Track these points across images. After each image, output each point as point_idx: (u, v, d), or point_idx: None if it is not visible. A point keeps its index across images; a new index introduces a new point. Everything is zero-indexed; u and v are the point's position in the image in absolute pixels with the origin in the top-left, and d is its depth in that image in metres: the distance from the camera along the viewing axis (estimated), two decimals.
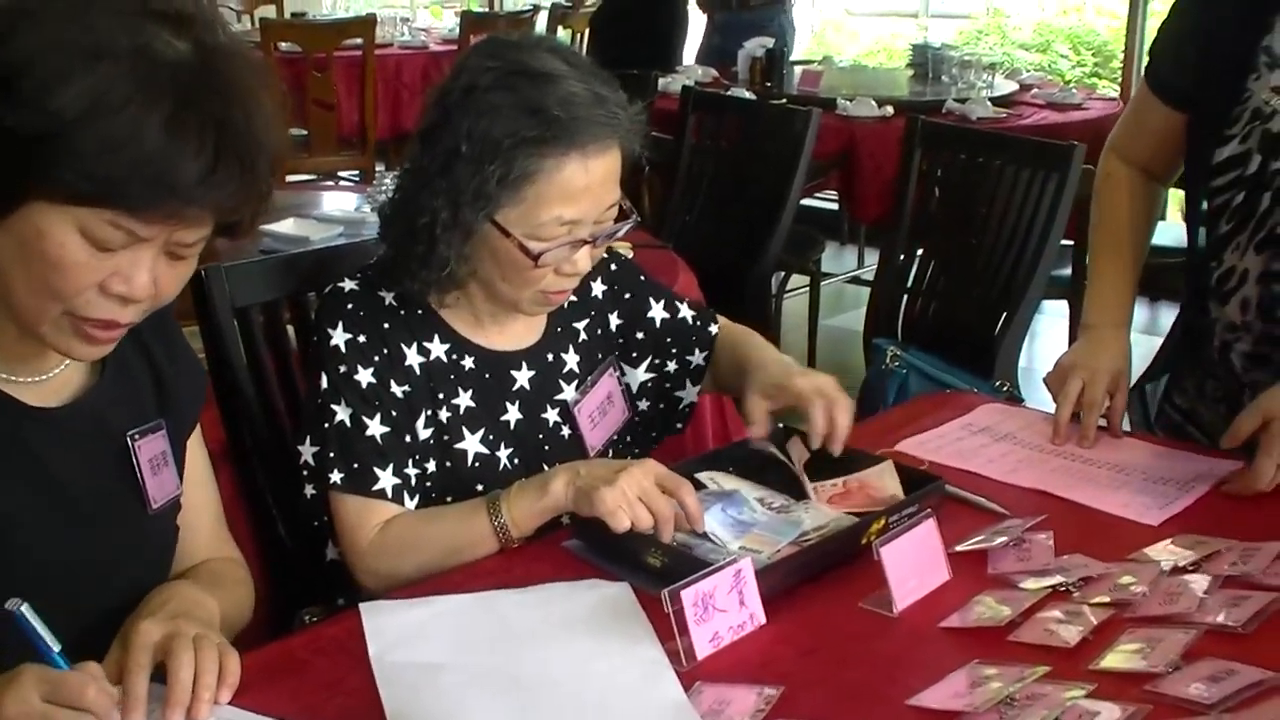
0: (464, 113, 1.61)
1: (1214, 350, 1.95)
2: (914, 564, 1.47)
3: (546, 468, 1.66)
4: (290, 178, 5.84)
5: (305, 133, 5.93)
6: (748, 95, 4.72)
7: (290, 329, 2.00)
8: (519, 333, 1.81)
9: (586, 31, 6.91)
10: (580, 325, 1.88)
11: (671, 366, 1.93)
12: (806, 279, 4.76)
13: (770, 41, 5.40)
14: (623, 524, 1.50)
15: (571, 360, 1.85)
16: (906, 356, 2.70)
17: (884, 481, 1.71)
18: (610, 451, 1.86)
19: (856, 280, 5.63)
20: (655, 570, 1.48)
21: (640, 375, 1.93)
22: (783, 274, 4.67)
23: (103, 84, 1.16)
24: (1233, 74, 1.82)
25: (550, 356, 1.83)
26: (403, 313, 1.73)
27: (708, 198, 3.79)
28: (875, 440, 1.89)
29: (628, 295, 1.93)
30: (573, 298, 1.83)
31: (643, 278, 1.96)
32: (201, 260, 1.35)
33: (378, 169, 5.30)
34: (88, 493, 1.39)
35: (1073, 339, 2.25)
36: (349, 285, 1.73)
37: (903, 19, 12.01)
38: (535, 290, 1.69)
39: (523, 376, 1.80)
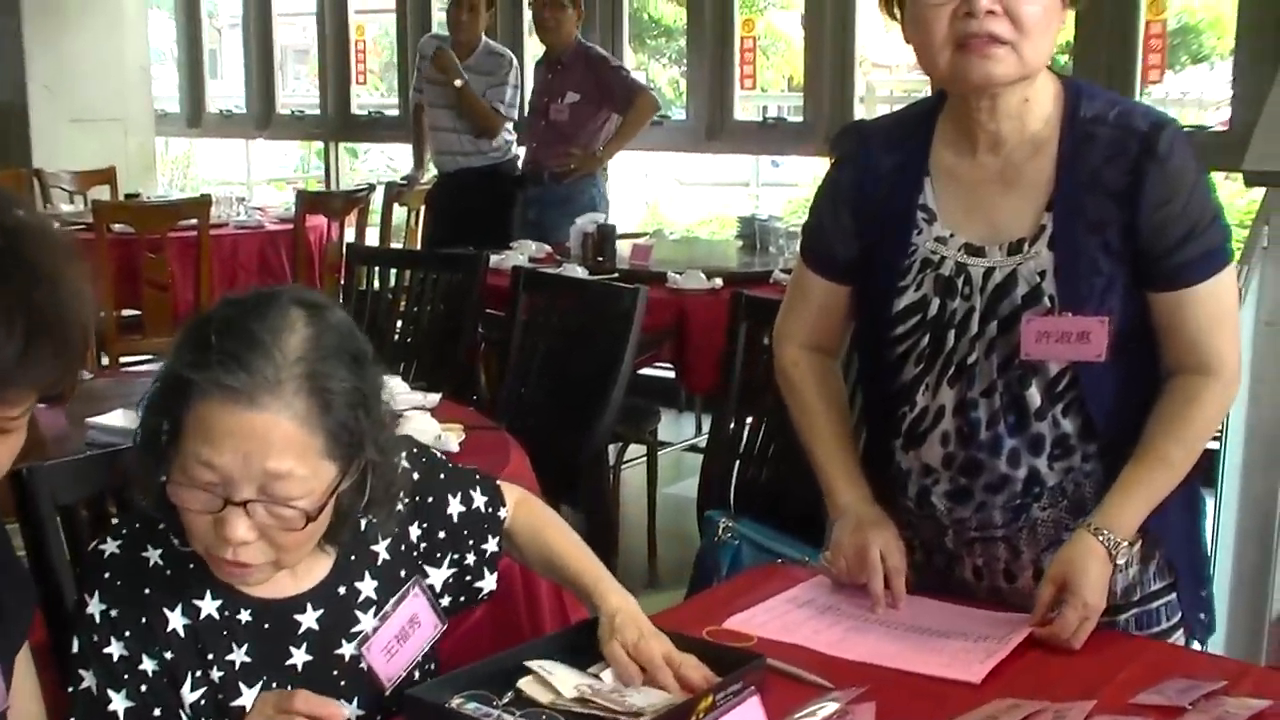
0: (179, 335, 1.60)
1: (909, 501, 2.06)
2: None
3: (344, 701, 1.68)
4: (125, 359, 5.78)
5: (139, 313, 5.87)
6: (580, 270, 4.80)
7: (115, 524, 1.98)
8: (304, 570, 1.70)
9: (422, 209, 6.98)
10: (381, 546, 1.78)
11: (470, 559, 1.86)
12: (645, 448, 4.82)
13: (601, 217, 5.52)
14: None
15: (368, 587, 1.75)
16: (738, 527, 2.73)
17: None
18: (417, 673, 1.79)
19: (694, 448, 5.69)
20: None
21: (443, 573, 1.84)
22: (621, 444, 4.72)
23: None
24: (897, 231, 2.00)
25: (342, 590, 1.73)
26: (169, 572, 1.64)
27: (540, 374, 3.84)
28: (704, 617, 1.93)
29: (430, 499, 1.84)
30: (371, 519, 1.74)
31: (444, 475, 1.87)
32: (26, 458, 1.36)
33: None
34: None
35: None
36: (110, 548, 1.65)
37: (734, 188, 12.32)
38: (206, 551, 1.58)
39: (309, 619, 1.70)
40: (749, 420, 3.20)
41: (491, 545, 1.88)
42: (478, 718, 1.56)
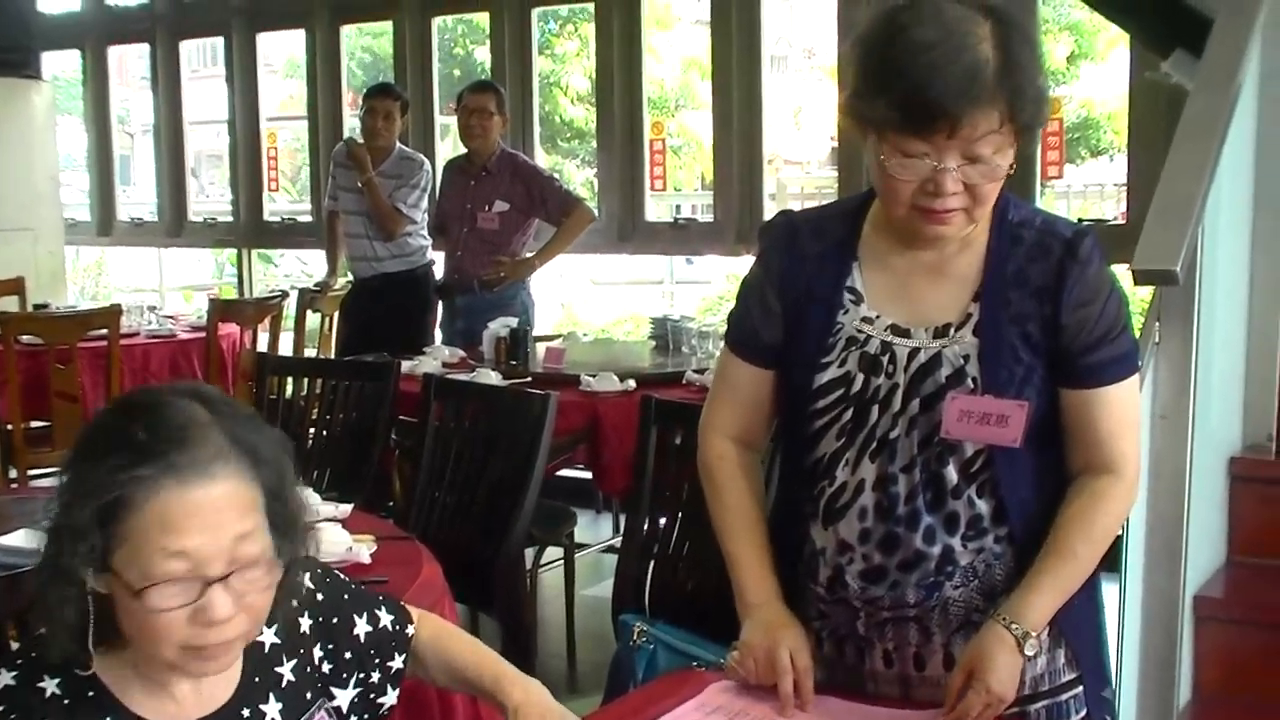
0: (73, 455, 1.57)
1: (821, 587, 2.09)
2: None
3: None
4: (33, 471, 5.70)
5: (48, 424, 5.80)
6: (493, 375, 4.80)
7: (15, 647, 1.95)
8: (210, 692, 1.67)
9: (336, 314, 6.97)
10: (285, 668, 1.75)
11: (375, 676, 1.86)
12: (562, 550, 4.80)
13: (514, 321, 5.53)
14: None
15: (273, 710, 1.72)
16: (653, 631, 2.73)
17: None
18: None
19: (612, 549, 5.65)
20: None
21: (349, 694, 1.83)
22: (538, 547, 4.71)
23: None
24: (823, 311, 2.06)
25: (246, 712, 1.69)
26: (66, 702, 1.57)
27: (454, 480, 3.83)
28: None
29: (335, 620, 1.83)
30: (275, 639, 1.75)
31: (347, 596, 1.87)
32: None
33: None
34: None
35: None
36: (4, 679, 1.56)
37: (649, 286, 12.44)
38: (178, 646, 1.53)
39: None
40: (662, 522, 3.22)
41: (397, 663, 1.89)
42: None
